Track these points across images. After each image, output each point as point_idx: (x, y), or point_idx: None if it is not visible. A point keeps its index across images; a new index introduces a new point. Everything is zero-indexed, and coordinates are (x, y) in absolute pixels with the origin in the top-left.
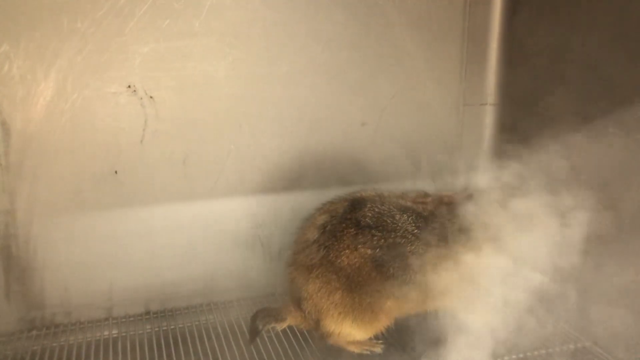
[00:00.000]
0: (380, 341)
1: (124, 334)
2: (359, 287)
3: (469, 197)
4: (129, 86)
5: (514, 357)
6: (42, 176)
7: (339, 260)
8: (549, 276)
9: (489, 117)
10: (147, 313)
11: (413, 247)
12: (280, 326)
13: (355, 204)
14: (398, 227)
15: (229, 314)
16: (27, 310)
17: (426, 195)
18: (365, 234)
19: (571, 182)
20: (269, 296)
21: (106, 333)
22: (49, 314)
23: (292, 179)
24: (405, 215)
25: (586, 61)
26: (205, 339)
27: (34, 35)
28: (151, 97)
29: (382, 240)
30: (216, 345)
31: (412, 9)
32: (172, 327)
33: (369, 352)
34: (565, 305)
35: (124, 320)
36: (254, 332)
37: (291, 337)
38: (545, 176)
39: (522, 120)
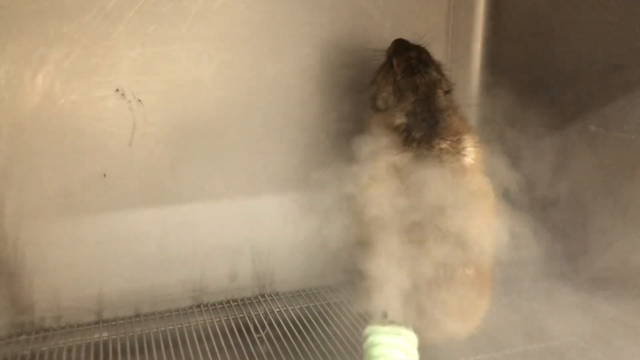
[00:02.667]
0: None
1: (114, 337)
2: None
3: None
4: (117, 90)
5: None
6: (31, 180)
7: None
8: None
9: (472, 119)
10: (137, 316)
11: None
12: None
13: None
14: None
15: (219, 315)
16: (16, 315)
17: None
18: None
19: (554, 182)
20: (258, 297)
21: (96, 336)
22: (38, 317)
23: (280, 181)
24: None
25: (567, 62)
26: (196, 341)
27: (21, 40)
28: (139, 100)
29: None
30: (207, 348)
31: (397, 13)
32: (163, 329)
33: None
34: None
35: (113, 323)
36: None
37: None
38: (528, 176)
39: (505, 122)
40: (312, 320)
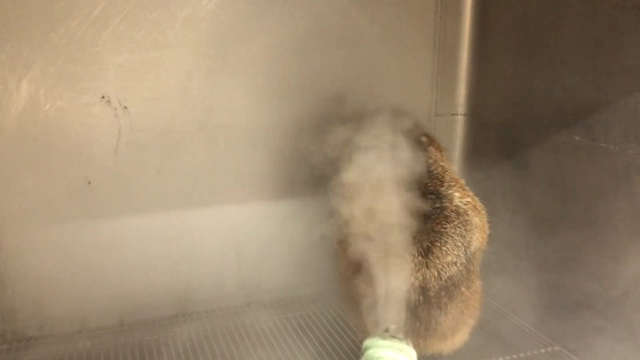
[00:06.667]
0: None
1: (97, 346)
2: None
3: None
4: (103, 96)
5: None
6: (14, 187)
7: None
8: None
9: (459, 127)
10: (122, 324)
11: None
12: None
13: None
14: None
15: (204, 324)
16: None
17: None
18: None
19: (539, 191)
20: (244, 306)
21: (79, 345)
22: (20, 327)
23: (266, 189)
24: None
25: (552, 71)
26: (181, 350)
27: (6, 46)
28: (125, 107)
29: None
30: (192, 357)
31: (385, 21)
32: (147, 338)
33: None
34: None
35: (97, 332)
36: None
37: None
38: (511, 185)
39: (492, 130)
40: (299, 330)
